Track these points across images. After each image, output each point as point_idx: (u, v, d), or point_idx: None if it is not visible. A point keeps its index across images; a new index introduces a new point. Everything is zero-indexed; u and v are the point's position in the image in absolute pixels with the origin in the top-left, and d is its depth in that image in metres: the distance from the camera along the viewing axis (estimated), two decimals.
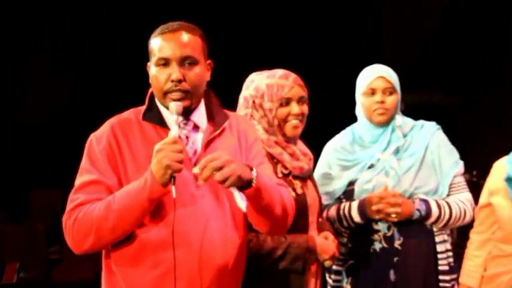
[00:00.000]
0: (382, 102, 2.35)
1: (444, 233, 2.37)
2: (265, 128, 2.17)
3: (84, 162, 1.76)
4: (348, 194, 2.41)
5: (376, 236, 2.34)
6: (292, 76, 2.19)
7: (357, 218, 2.34)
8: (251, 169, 1.68)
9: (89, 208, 1.68)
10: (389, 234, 2.32)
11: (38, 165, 6.22)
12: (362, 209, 2.33)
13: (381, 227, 2.33)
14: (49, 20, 6.14)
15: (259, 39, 6.37)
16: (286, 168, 2.17)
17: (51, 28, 6.18)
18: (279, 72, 2.20)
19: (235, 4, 6.28)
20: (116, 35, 6.14)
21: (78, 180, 1.74)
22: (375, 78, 2.37)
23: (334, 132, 2.59)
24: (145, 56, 1.81)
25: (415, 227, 2.32)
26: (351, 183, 2.40)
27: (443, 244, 2.35)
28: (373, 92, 2.36)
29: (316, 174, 2.47)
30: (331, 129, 2.69)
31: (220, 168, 1.60)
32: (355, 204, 2.35)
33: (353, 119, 2.52)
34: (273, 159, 2.15)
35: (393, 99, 2.37)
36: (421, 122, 2.47)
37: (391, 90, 2.36)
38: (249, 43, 6.35)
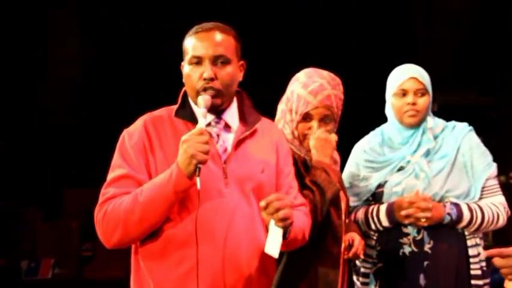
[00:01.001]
0: (414, 103, 2.32)
1: (476, 236, 2.33)
2: (292, 135, 2.18)
3: (116, 157, 1.78)
4: (377, 196, 2.38)
5: (405, 240, 2.30)
6: (323, 94, 2.12)
7: (385, 221, 2.32)
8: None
9: (117, 201, 1.70)
10: (419, 237, 2.29)
11: (71, 165, 6.32)
12: (390, 213, 2.30)
13: (410, 230, 2.30)
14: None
15: (294, 37, 6.37)
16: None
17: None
18: (315, 84, 2.13)
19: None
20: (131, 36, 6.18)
21: (110, 175, 1.77)
22: (406, 79, 2.33)
23: (364, 133, 2.57)
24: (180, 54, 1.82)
25: (446, 230, 2.29)
26: (380, 186, 2.37)
27: (475, 248, 2.31)
28: (404, 93, 2.33)
29: (345, 175, 2.45)
30: (361, 129, 2.66)
31: (282, 209, 1.66)
32: (383, 208, 2.33)
33: (384, 118, 2.49)
34: (300, 155, 2.14)
35: (425, 101, 2.33)
36: (452, 123, 2.43)
37: (423, 92, 2.33)
38: (274, 42, 6.35)
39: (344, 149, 2.47)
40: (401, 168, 2.36)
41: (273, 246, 1.66)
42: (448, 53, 6.58)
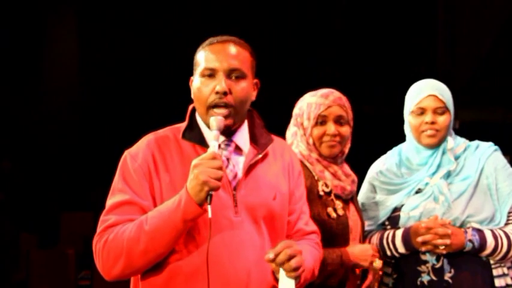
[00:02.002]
0: (433, 122, 2.32)
1: (503, 265, 2.31)
2: (307, 147, 2.26)
3: (117, 180, 1.76)
4: (393, 220, 2.38)
5: (423, 267, 2.29)
6: (334, 95, 2.27)
7: (401, 248, 2.32)
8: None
9: (120, 229, 1.68)
10: (438, 265, 2.28)
11: (68, 186, 6.34)
12: (407, 238, 2.30)
13: (429, 257, 2.29)
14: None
15: (302, 54, 6.42)
16: (327, 186, 2.23)
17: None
18: (324, 90, 2.29)
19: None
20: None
21: (110, 201, 1.74)
22: (425, 97, 2.33)
23: (383, 152, 2.58)
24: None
25: (469, 258, 2.27)
26: (396, 209, 2.38)
27: (502, 278, 2.29)
28: (422, 111, 2.34)
29: (360, 198, 2.47)
30: (379, 148, 2.69)
31: (293, 257, 1.66)
32: (399, 233, 2.33)
33: (403, 137, 2.50)
34: (314, 177, 2.22)
35: (445, 120, 2.33)
36: (475, 142, 2.42)
37: (443, 110, 2.33)
38: (284, 56, 6.40)
39: (361, 169, 2.51)
40: (419, 191, 2.36)
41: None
42: (471, 66, 6.59)
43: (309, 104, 2.26)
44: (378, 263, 2.22)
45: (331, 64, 6.26)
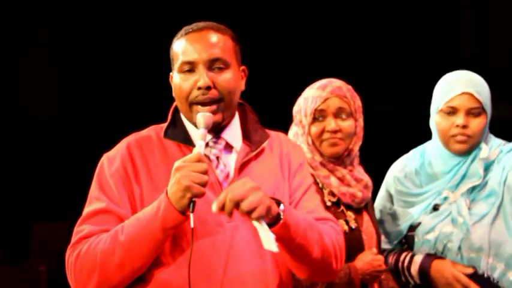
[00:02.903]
0: (464, 126, 2.17)
1: None
2: (308, 148, 2.17)
3: (94, 187, 1.76)
4: (409, 239, 2.28)
5: None
6: (333, 85, 2.17)
7: (416, 278, 2.22)
8: (278, 203, 1.65)
9: (94, 241, 1.67)
10: None
11: (40, 195, 6.30)
12: (425, 271, 2.19)
13: None
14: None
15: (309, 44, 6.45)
16: (334, 195, 2.13)
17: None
18: (322, 81, 2.20)
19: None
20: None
21: (86, 209, 1.74)
22: (458, 95, 2.18)
23: (406, 151, 2.47)
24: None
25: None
26: (412, 228, 2.27)
27: None
28: (453, 111, 2.19)
29: (377, 205, 2.36)
30: (399, 150, 2.57)
31: (244, 199, 1.57)
32: (418, 260, 2.22)
33: (428, 136, 2.37)
34: (318, 185, 2.12)
35: (479, 123, 2.18)
36: (509, 146, 2.25)
37: (479, 111, 2.18)
38: (290, 48, 6.43)
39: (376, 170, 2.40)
40: (436, 207, 2.24)
41: (268, 241, 1.60)
42: (502, 58, 6.54)
43: (306, 99, 2.18)
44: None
45: (347, 57, 6.27)
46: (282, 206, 1.65)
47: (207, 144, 1.75)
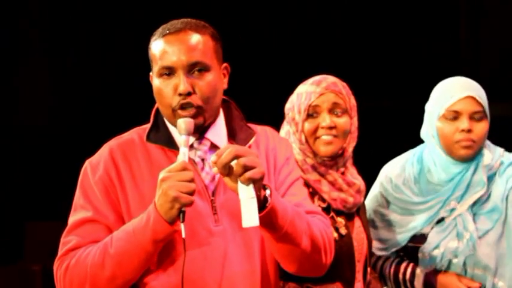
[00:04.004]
0: (469, 130, 2.15)
1: None
2: (301, 148, 2.12)
3: (78, 196, 1.75)
4: (409, 250, 2.25)
5: None
6: (328, 81, 2.13)
7: None
8: (264, 188, 1.64)
9: (82, 253, 1.67)
10: None
11: (34, 193, 6.28)
12: (431, 285, 2.17)
13: None
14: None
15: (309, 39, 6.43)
16: (324, 200, 2.09)
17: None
18: (316, 77, 2.16)
19: None
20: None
21: (71, 219, 1.74)
22: (461, 99, 2.17)
23: (400, 151, 2.45)
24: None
25: None
26: (415, 238, 2.24)
27: None
28: (456, 115, 2.17)
29: (368, 207, 2.33)
30: (395, 148, 2.55)
31: (244, 156, 1.57)
32: (421, 275, 2.20)
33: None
34: (309, 188, 2.07)
35: (483, 128, 2.18)
36: (510, 157, 2.24)
37: (481, 116, 2.18)
38: (289, 42, 6.41)
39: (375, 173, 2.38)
40: (441, 220, 2.21)
41: (250, 215, 1.58)
42: (499, 58, 6.52)
43: (299, 95, 2.14)
44: None
45: (346, 54, 6.26)
46: (268, 191, 1.64)
47: (191, 146, 1.74)
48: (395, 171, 2.35)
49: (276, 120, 2.28)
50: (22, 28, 6.43)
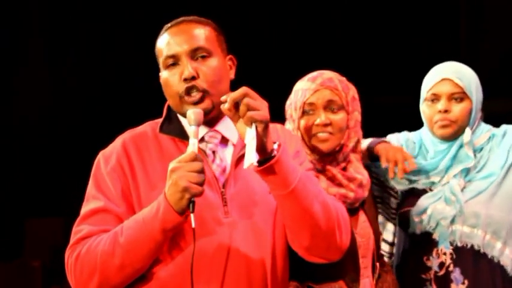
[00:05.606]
0: (446, 111, 2.25)
1: None
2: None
3: (91, 186, 1.78)
4: (401, 216, 2.33)
5: (427, 275, 2.23)
6: (324, 77, 2.13)
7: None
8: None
9: (93, 242, 1.69)
10: (441, 273, 2.22)
11: (34, 189, 6.29)
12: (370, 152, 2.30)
13: (433, 261, 2.24)
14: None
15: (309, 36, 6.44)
16: None
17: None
18: (313, 73, 2.16)
19: None
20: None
21: (84, 209, 1.76)
22: (438, 81, 2.27)
23: None
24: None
25: (488, 266, 2.20)
26: (406, 200, 2.33)
27: None
28: (436, 98, 2.28)
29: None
30: None
31: (254, 99, 1.59)
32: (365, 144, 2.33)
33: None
34: None
35: (462, 108, 2.26)
36: (503, 128, 2.34)
37: (461, 96, 2.26)
38: (293, 40, 6.42)
39: None
40: (429, 190, 2.31)
41: (250, 155, 1.58)
42: (501, 54, 6.53)
43: (296, 92, 2.14)
44: None
45: (347, 54, 6.26)
46: (276, 145, 1.64)
47: (202, 139, 1.76)
48: (401, 138, 2.45)
49: (276, 119, 2.30)
50: (22, 28, 6.45)
